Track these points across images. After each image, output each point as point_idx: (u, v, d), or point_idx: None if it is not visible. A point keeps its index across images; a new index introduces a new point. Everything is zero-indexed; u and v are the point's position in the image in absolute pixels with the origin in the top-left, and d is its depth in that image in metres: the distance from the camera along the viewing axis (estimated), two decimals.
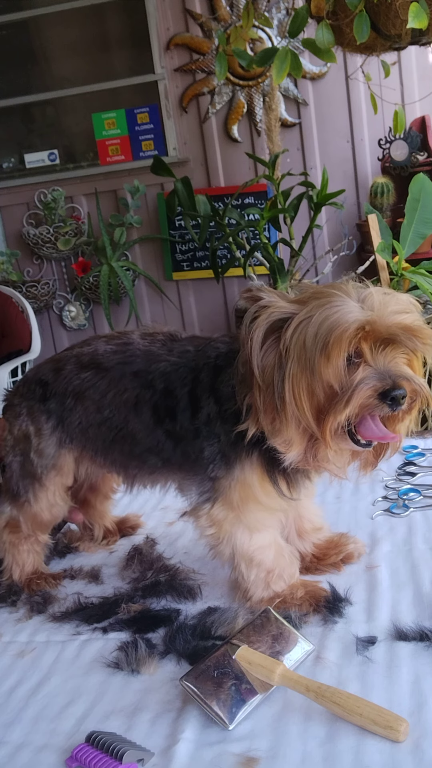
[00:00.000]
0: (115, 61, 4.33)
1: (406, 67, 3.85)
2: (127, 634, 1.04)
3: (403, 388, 0.89)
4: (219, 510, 1.03)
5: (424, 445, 1.47)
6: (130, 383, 1.11)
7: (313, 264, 3.83)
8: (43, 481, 1.20)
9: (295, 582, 1.07)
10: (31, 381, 1.23)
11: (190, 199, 3.41)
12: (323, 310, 0.90)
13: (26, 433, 1.20)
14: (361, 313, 0.89)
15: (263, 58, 2.70)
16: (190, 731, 0.83)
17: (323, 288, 0.94)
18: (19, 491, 1.21)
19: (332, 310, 0.89)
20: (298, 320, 0.91)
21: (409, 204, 3.09)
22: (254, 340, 0.93)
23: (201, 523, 1.06)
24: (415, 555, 1.11)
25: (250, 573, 1.05)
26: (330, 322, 0.88)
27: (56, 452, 1.19)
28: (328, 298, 0.91)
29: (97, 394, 1.13)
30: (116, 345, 1.16)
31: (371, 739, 0.77)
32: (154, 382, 1.08)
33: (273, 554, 1.06)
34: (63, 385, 1.17)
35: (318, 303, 0.91)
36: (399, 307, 0.91)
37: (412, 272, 2.96)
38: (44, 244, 4.26)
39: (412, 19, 2.27)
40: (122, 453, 1.14)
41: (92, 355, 1.17)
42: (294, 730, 0.81)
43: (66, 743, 0.85)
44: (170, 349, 1.10)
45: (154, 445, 1.10)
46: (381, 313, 0.89)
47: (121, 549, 1.33)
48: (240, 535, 1.04)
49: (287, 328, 0.91)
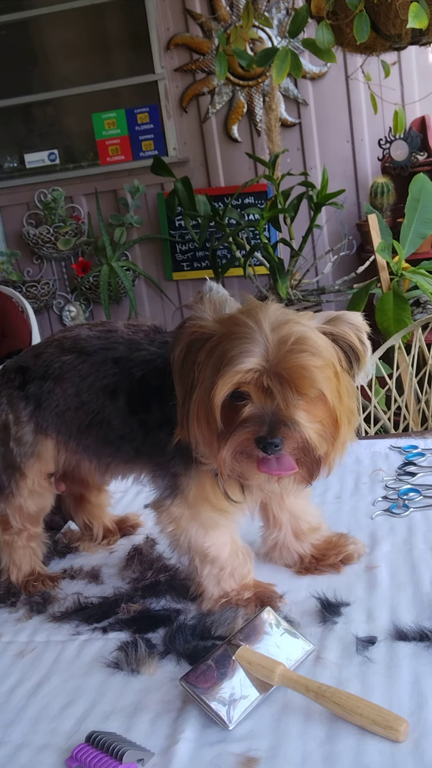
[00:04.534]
0: (115, 61, 4.33)
1: (406, 67, 3.85)
2: (127, 634, 1.05)
3: (278, 437, 0.87)
4: (177, 507, 1.05)
5: (424, 445, 1.47)
6: (111, 369, 1.11)
7: (313, 264, 3.84)
8: (23, 470, 1.19)
9: (247, 582, 1.08)
10: (11, 369, 1.23)
11: (190, 199, 3.42)
12: (229, 340, 0.89)
13: (5, 422, 1.20)
14: (258, 353, 0.87)
15: (263, 58, 2.70)
16: (190, 731, 0.83)
17: (241, 313, 0.92)
18: (3, 483, 1.21)
19: (234, 342, 0.88)
20: (210, 345, 0.91)
21: (409, 204, 3.10)
22: (175, 356, 0.94)
23: (161, 519, 1.07)
24: (415, 555, 1.11)
25: (203, 569, 1.07)
26: (227, 357, 0.87)
27: (34, 439, 1.19)
28: (238, 328, 0.89)
29: (77, 377, 1.14)
30: (99, 331, 1.17)
31: (371, 739, 0.77)
32: (133, 369, 1.09)
33: (228, 552, 1.07)
34: (42, 369, 1.17)
35: (228, 331, 0.90)
36: (298, 346, 0.87)
37: (412, 272, 2.97)
38: (44, 244, 4.26)
39: (412, 19, 2.27)
40: (97, 439, 1.15)
41: (74, 340, 1.17)
42: (294, 730, 0.81)
43: (66, 743, 0.85)
44: (152, 339, 1.11)
45: (128, 433, 1.11)
46: (277, 353, 0.87)
47: (121, 549, 1.33)
48: (195, 532, 1.05)
49: (201, 349, 0.92)
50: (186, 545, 1.07)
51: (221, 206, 3.75)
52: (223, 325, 0.92)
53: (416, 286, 3.02)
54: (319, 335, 0.90)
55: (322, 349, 0.89)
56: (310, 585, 1.08)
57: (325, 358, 0.89)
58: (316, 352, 0.88)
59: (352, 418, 0.94)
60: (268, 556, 1.18)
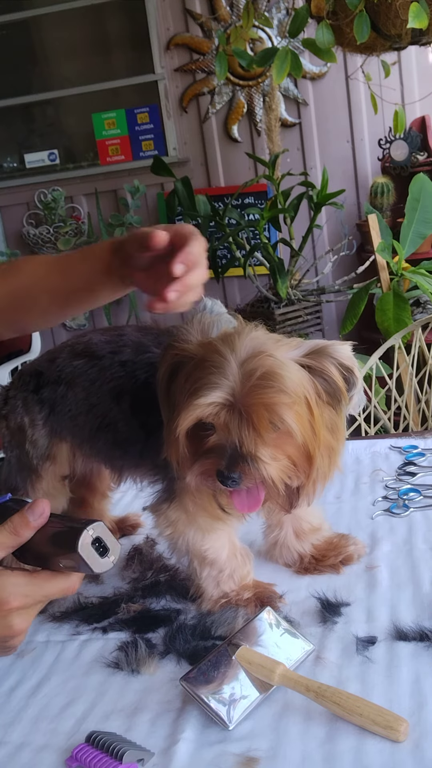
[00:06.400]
0: (115, 61, 4.33)
1: (406, 67, 3.85)
2: (127, 634, 1.04)
3: (236, 473, 0.86)
4: (174, 511, 1.05)
5: (424, 445, 1.47)
6: (117, 372, 1.11)
7: (313, 264, 3.84)
8: (39, 472, 1.20)
9: (246, 583, 1.08)
10: (26, 373, 1.23)
11: (190, 199, 3.42)
12: (202, 368, 0.88)
13: (21, 425, 1.20)
14: (224, 386, 0.85)
15: (263, 58, 2.71)
16: (190, 731, 0.83)
17: (220, 339, 0.91)
18: (18, 485, 1.21)
19: (205, 371, 0.87)
20: (188, 369, 0.90)
21: (409, 204, 3.10)
22: (159, 378, 0.94)
23: (159, 522, 1.07)
24: (415, 555, 1.11)
25: (202, 571, 1.07)
26: (194, 388, 0.87)
27: (49, 442, 1.19)
28: (213, 356, 0.88)
29: (87, 381, 1.14)
30: (110, 336, 1.17)
31: (371, 739, 0.77)
32: (137, 372, 1.09)
33: (226, 554, 1.07)
34: (56, 373, 1.18)
35: (203, 358, 0.89)
36: (263, 381, 0.85)
37: (412, 272, 2.97)
38: (44, 244, 4.26)
39: (412, 19, 2.27)
40: (107, 442, 1.15)
41: (86, 344, 1.18)
42: (294, 730, 0.81)
43: (66, 743, 0.85)
44: (159, 342, 1.11)
45: (132, 436, 1.11)
46: (242, 388, 0.85)
47: (121, 549, 1.33)
48: (192, 535, 1.05)
49: (180, 373, 0.91)
50: (184, 548, 1.07)
51: (221, 206, 3.75)
52: (203, 349, 0.91)
53: (416, 286, 3.02)
54: (291, 369, 0.87)
55: (290, 385, 0.86)
56: (310, 585, 1.08)
57: (295, 394, 0.86)
58: (283, 388, 0.85)
59: (333, 453, 0.92)
60: (269, 554, 1.18)
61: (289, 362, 0.88)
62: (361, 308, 2.90)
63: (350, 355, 0.93)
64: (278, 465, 0.88)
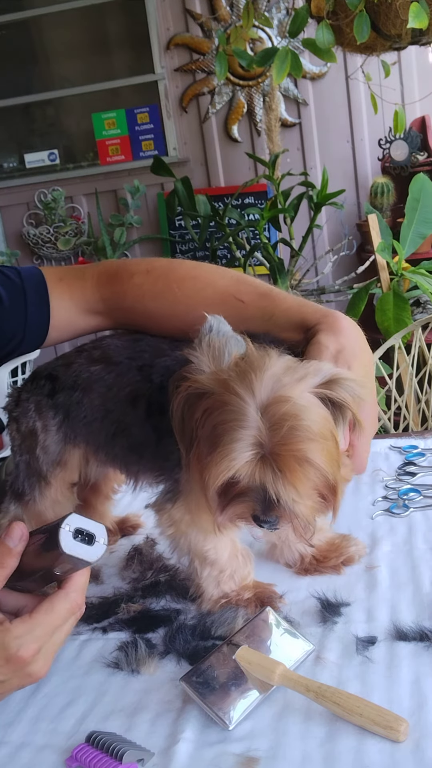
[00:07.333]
0: (115, 61, 4.34)
1: (406, 67, 3.85)
2: (127, 634, 1.04)
3: (273, 516, 0.86)
4: (177, 511, 1.05)
5: (424, 445, 1.47)
6: (134, 377, 1.11)
7: (313, 264, 3.84)
8: (49, 478, 1.19)
9: (247, 583, 1.08)
10: (40, 376, 1.21)
11: (190, 199, 3.42)
12: (222, 412, 0.86)
13: (33, 429, 1.19)
14: (251, 439, 0.83)
15: (263, 58, 2.71)
16: (190, 731, 0.83)
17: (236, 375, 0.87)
18: (25, 490, 1.21)
19: (227, 416, 0.85)
20: (206, 404, 0.89)
21: (409, 204, 3.10)
22: (173, 411, 0.93)
23: (162, 521, 1.07)
24: (415, 555, 1.11)
25: (203, 571, 1.07)
26: (221, 441, 0.84)
27: (62, 448, 1.18)
28: (232, 398, 0.85)
29: (104, 387, 1.13)
30: (127, 340, 1.16)
31: (371, 739, 0.77)
32: (153, 376, 1.09)
33: (228, 555, 1.07)
34: (72, 379, 1.16)
35: (222, 400, 0.87)
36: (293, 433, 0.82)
37: (412, 272, 2.97)
38: (44, 244, 4.26)
39: (412, 19, 2.27)
40: (123, 447, 1.14)
41: (104, 350, 1.16)
42: (294, 730, 0.81)
43: (66, 743, 0.85)
44: (177, 346, 1.10)
45: (145, 440, 1.10)
46: (270, 440, 0.83)
47: (121, 549, 1.33)
48: (195, 536, 1.05)
49: (198, 406, 0.90)
50: (186, 548, 1.07)
51: (221, 206, 3.75)
52: (220, 387, 0.88)
53: (416, 286, 3.02)
54: (314, 411, 0.86)
55: (316, 428, 0.84)
56: (310, 585, 1.08)
57: (321, 437, 0.85)
58: (311, 436, 0.84)
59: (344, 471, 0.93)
60: (270, 553, 1.18)
61: (311, 403, 0.86)
62: (361, 308, 2.90)
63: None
64: (310, 503, 0.88)
